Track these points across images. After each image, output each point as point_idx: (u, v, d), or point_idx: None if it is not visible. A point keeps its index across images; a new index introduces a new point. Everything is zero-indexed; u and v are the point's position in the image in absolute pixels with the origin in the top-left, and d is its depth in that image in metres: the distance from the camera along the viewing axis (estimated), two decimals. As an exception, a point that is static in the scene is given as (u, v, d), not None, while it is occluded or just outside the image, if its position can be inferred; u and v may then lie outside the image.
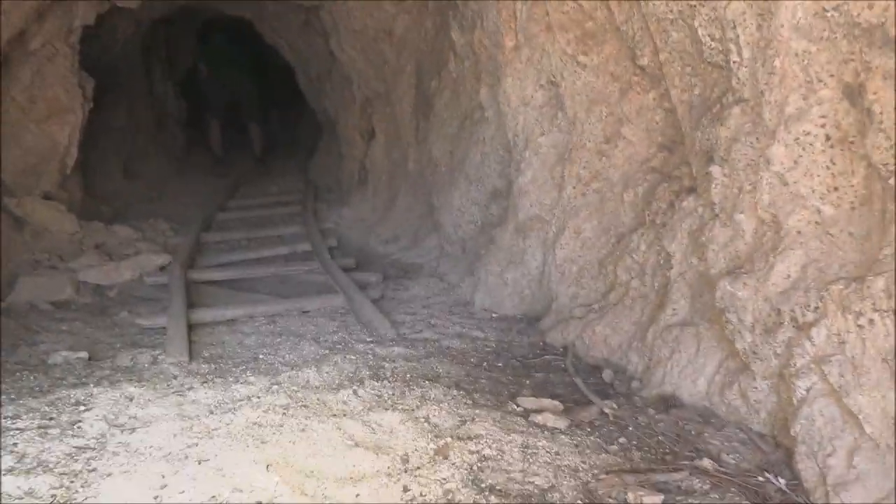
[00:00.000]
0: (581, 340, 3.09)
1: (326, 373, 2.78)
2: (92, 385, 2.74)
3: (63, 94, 5.33)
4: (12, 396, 2.65)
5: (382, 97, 6.07)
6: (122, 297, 4.57)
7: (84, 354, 3.24)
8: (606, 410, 2.47)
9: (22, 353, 3.36)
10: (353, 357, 2.99)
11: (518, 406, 2.52)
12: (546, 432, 2.30)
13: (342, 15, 6.08)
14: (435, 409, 2.39)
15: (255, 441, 2.18)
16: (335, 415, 2.36)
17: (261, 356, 3.16)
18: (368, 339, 3.37)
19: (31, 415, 2.46)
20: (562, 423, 2.36)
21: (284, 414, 2.37)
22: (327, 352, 3.15)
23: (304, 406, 2.42)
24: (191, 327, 3.63)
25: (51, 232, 5.22)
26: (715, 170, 2.41)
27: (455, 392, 2.55)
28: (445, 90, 4.91)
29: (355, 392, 2.51)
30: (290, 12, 7.48)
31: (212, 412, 2.45)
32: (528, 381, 2.77)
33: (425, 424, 2.30)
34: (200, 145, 10.62)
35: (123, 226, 5.65)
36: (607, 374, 2.80)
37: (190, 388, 2.68)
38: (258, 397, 2.54)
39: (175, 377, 2.87)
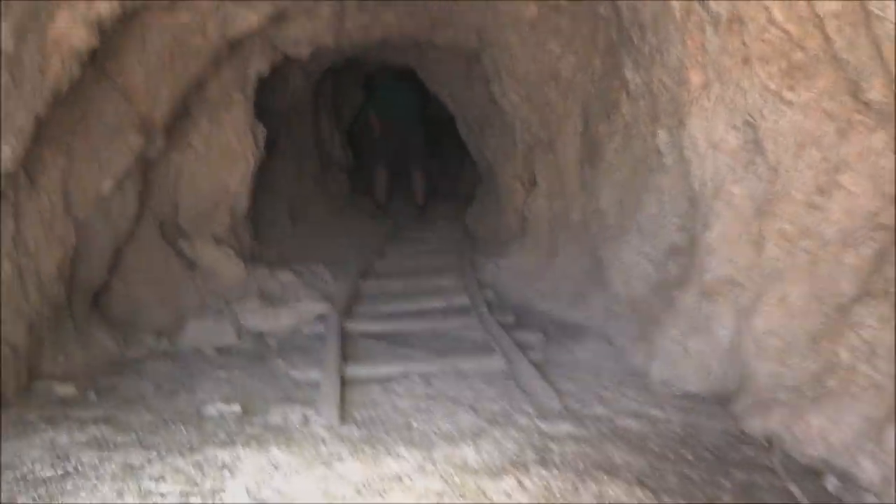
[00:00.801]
0: (789, 432, 2.56)
1: (486, 452, 2.46)
2: (240, 445, 2.60)
3: (236, 141, 5.52)
4: (163, 453, 2.55)
5: (545, 144, 5.79)
6: (281, 344, 4.54)
7: (237, 408, 3.15)
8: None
9: (180, 402, 3.33)
10: (515, 433, 2.66)
11: (719, 516, 2.06)
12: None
13: (504, 60, 5.91)
14: (616, 514, 2.00)
15: (405, 538, 1.90)
16: (497, 510, 2.03)
17: (414, 424, 2.90)
18: (531, 411, 3.02)
19: (176, 477, 2.33)
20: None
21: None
22: (486, 424, 2.83)
23: (462, 496, 2.11)
24: (344, 382, 3.47)
25: (219, 275, 5.36)
26: None
27: (639, 492, 2.13)
28: (616, 135, 4.54)
29: (520, 483, 2.16)
30: (451, 59, 7.46)
31: (359, 492, 2.20)
32: (726, 483, 2.29)
33: (605, 534, 1.91)
34: (362, 191, 10.89)
35: (286, 270, 5.70)
36: (831, 483, 2.26)
37: (338, 459, 2.46)
38: (410, 478, 2.26)
39: (324, 442, 2.66)
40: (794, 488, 2.22)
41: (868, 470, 2.22)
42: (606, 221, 4.68)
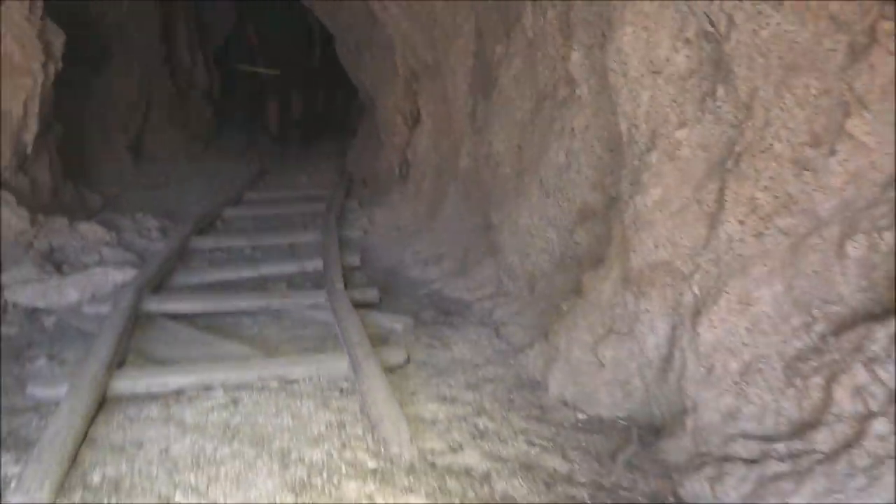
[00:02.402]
0: (758, 519, 1.64)
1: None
2: None
3: (17, 50, 4.09)
4: None
5: (431, 70, 4.67)
6: (59, 329, 3.31)
7: None
8: None
9: None
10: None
11: None
12: None
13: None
14: None
15: None
16: None
17: (178, 497, 1.81)
18: (371, 461, 1.99)
19: None
20: None
21: None
22: (293, 496, 1.78)
23: None
24: (102, 404, 2.34)
25: (-7, 228, 4.01)
26: None
27: None
28: (515, 57, 3.47)
29: None
30: (327, -35, 6.13)
31: None
32: None
33: None
34: (230, 124, 9.43)
35: (92, 223, 4.39)
36: None
37: None
38: None
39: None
40: None
41: None
42: (501, 171, 3.65)
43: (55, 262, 3.91)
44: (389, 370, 2.65)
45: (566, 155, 2.97)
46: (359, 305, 3.34)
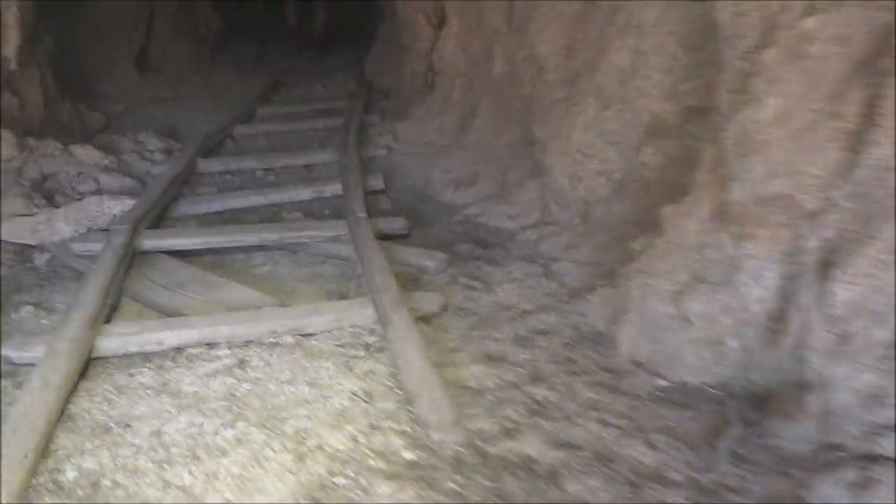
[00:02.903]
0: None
1: None
2: None
3: (-12, -54, 3.55)
4: None
5: (461, -39, 4.05)
6: (52, 269, 2.94)
7: None
8: None
9: None
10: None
11: None
12: None
13: None
14: None
15: None
16: None
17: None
18: (407, 450, 1.60)
19: None
20: None
21: None
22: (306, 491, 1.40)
23: None
24: (86, 369, 1.97)
25: (-28, 155, 3.59)
26: None
27: None
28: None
29: None
30: None
31: None
32: None
33: None
34: (241, 33, 8.80)
35: (89, 147, 3.95)
36: None
37: None
38: None
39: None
40: None
41: None
42: (545, 76, 3.12)
43: (46, 192, 3.50)
44: (423, 320, 2.25)
45: (631, 56, 2.44)
46: (384, 237, 2.92)
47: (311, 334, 2.19)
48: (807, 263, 1.58)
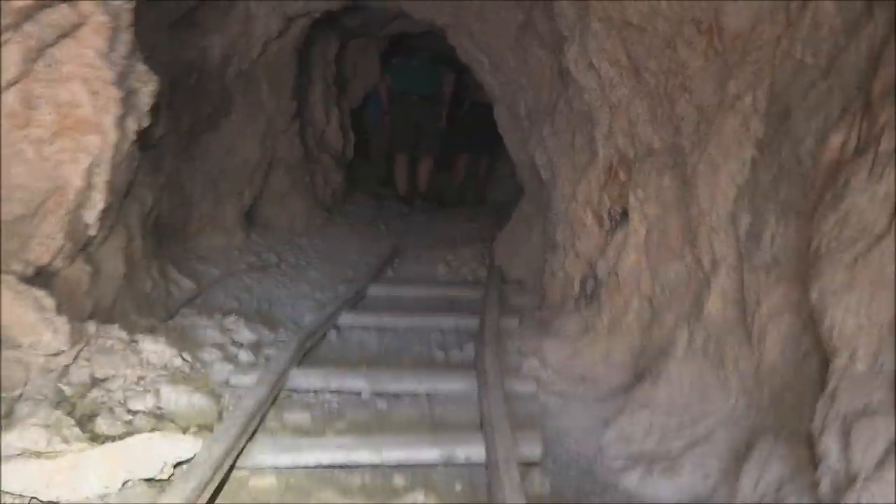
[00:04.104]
0: None
1: None
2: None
3: (86, 99, 2.92)
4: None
5: (658, 156, 3.14)
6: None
7: None
8: None
9: None
10: None
11: None
12: None
13: (597, 4, 3.26)
14: None
15: None
16: None
17: None
18: None
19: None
20: None
21: None
22: None
23: None
24: None
25: (16, 345, 2.77)
26: None
27: None
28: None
29: None
30: (502, 11, 4.80)
31: None
32: None
33: None
34: (360, 189, 8.28)
35: (159, 341, 3.10)
36: None
37: None
38: None
39: None
40: None
41: None
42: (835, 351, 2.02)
43: (88, 410, 2.62)
44: None
45: None
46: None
47: None
48: None
